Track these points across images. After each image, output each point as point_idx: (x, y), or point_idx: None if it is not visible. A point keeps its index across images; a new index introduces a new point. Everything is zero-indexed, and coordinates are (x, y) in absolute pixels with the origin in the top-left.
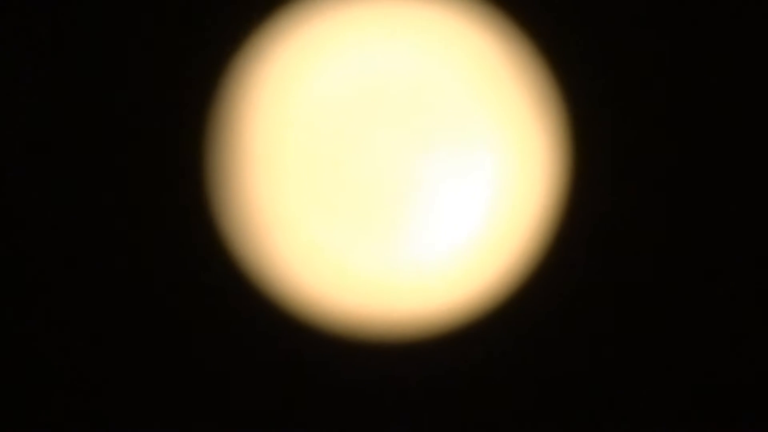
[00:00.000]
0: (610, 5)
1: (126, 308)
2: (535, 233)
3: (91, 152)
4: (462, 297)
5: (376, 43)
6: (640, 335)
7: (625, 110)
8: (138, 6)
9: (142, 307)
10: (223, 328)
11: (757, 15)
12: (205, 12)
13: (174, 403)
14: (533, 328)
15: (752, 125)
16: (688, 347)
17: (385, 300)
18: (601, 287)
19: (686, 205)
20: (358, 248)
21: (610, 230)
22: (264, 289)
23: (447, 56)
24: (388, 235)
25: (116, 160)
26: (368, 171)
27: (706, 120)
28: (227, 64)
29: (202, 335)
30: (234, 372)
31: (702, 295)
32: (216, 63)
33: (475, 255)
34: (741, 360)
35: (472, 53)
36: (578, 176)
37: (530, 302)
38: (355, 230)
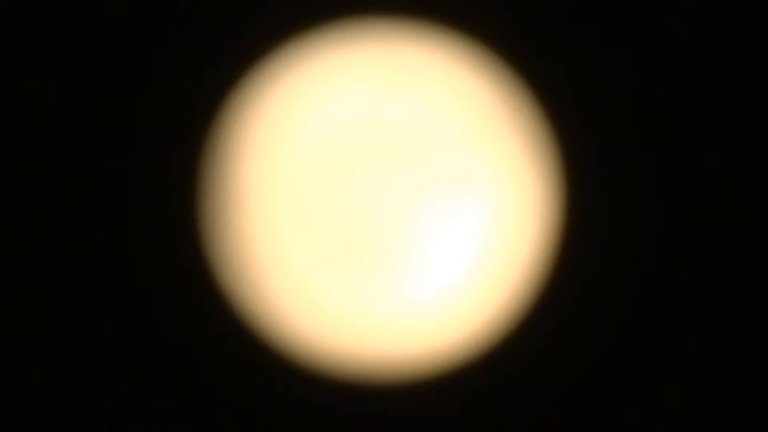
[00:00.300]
0: (604, 51)
1: (118, 348)
2: (528, 275)
3: (86, 196)
4: (456, 338)
5: (369, 88)
6: (636, 376)
7: (619, 156)
8: (129, 52)
9: (135, 347)
10: (217, 370)
11: (750, 66)
12: (198, 56)
13: None
14: (526, 369)
15: (746, 176)
16: (688, 383)
17: (380, 341)
18: (595, 327)
19: (682, 248)
20: (352, 290)
21: (603, 271)
22: (258, 330)
23: (441, 101)
24: (382, 277)
25: (109, 204)
26: (362, 214)
27: (700, 158)
28: (219, 109)
29: (196, 378)
30: (229, 414)
31: (700, 333)
32: (208, 109)
33: (469, 297)
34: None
35: (465, 98)
36: (571, 219)
37: (524, 343)
38: (350, 272)
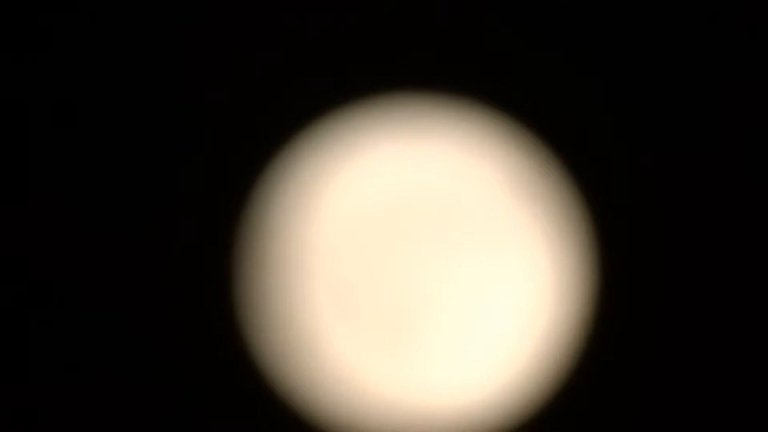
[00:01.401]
0: (631, 114)
1: (149, 413)
2: (564, 346)
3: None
4: (491, 410)
5: (402, 157)
6: None
7: (653, 222)
8: (161, 127)
9: (166, 414)
10: None
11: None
12: (229, 128)
13: None
14: None
15: None
16: None
17: (411, 415)
18: (631, 401)
19: (718, 318)
20: (385, 363)
21: (638, 341)
22: (290, 404)
23: (474, 169)
24: (416, 349)
25: (146, 278)
26: (396, 285)
27: (735, 224)
28: (258, 183)
29: None
30: None
31: (738, 402)
32: (246, 183)
33: (504, 368)
34: None
35: (498, 166)
36: (607, 288)
37: (558, 418)
38: (382, 345)
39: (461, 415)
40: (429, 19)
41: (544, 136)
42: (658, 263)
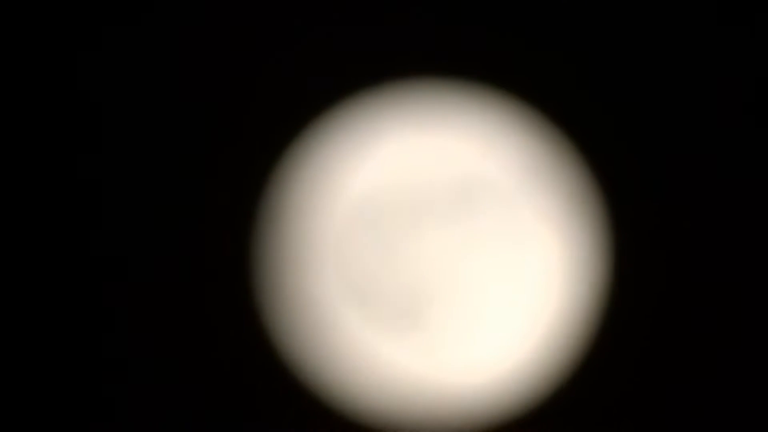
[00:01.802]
0: (648, 104)
1: (168, 403)
2: (579, 332)
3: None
4: (506, 396)
5: (419, 140)
6: None
7: (669, 212)
8: (161, 127)
9: (181, 397)
10: (262, 425)
11: None
12: (247, 115)
13: None
14: (576, 427)
15: None
16: None
17: (429, 398)
18: (645, 387)
19: (734, 311)
20: (401, 346)
21: (653, 329)
22: (307, 385)
23: (492, 156)
24: (432, 333)
25: (164, 268)
26: (413, 270)
27: (747, 222)
28: (275, 169)
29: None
30: None
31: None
32: (260, 164)
33: (520, 354)
34: None
35: (515, 153)
36: (621, 277)
37: (574, 404)
38: (398, 328)
39: (476, 400)
40: (429, 18)
41: (559, 128)
42: (673, 255)
